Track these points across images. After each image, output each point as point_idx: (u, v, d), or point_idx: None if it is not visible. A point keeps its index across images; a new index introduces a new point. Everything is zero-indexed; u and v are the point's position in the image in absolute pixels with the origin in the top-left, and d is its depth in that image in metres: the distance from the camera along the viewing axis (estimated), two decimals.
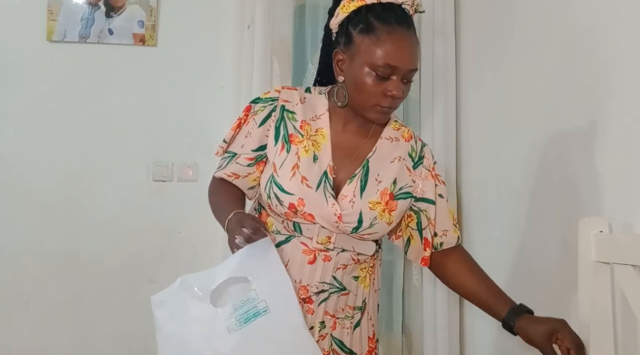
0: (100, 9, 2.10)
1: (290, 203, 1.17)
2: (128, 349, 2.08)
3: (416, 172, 1.27)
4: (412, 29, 1.17)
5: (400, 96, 1.15)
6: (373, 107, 1.17)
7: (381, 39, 1.13)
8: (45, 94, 2.09)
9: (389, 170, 1.24)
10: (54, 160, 2.09)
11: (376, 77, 1.13)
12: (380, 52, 1.12)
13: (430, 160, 1.30)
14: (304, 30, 2.17)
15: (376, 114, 1.18)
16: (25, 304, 2.04)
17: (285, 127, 1.23)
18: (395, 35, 1.13)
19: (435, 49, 2.16)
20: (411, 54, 1.14)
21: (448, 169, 2.14)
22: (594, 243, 1.22)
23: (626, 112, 1.31)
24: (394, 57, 1.12)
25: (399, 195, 1.23)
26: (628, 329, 1.24)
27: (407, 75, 1.15)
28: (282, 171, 1.19)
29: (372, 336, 1.32)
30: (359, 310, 1.27)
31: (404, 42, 1.14)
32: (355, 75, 1.16)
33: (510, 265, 1.85)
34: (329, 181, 1.19)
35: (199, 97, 2.16)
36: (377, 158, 1.24)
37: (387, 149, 1.26)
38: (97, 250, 2.08)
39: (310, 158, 1.21)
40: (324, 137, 1.23)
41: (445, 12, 2.18)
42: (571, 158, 1.51)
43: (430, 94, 2.16)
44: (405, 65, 1.13)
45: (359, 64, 1.15)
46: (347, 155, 1.23)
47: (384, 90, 1.14)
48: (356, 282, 1.25)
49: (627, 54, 1.31)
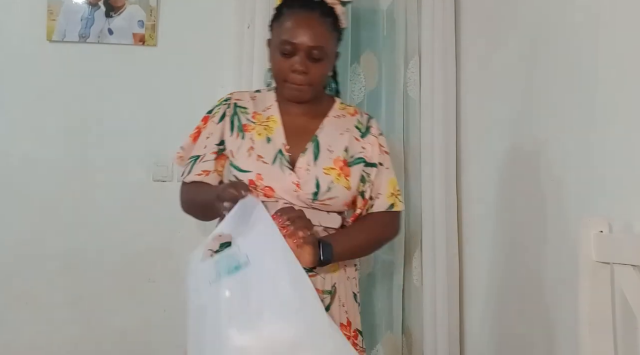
0: (100, 8, 2.10)
1: (249, 179, 1.26)
2: (128, 348, 2.08)
3: (365, 140, 1.37)
4: (318, 12, 1.29)
5: (303, 70, 1.27)
6: (285, 83, 1.31)
7: (284, 21, 1.29)
8: (45, 93, 2.09)
9: (339, 141, 1.34)
10: (54, 160, 2.09)
11: (282, 55, 1.28)
12: (282, 31, 1.28)
13: (376, 130, 1.40)
14: None
15: (290, 91, 1.31)
16: (25, 304, 2.04)
17: (239, 119, 1.36)
18: (296, 16, 1.28)
19: (435, 48, 2.16)
20: (310, 32, 1.27)
21: (448, 169, 2.15)
22: (594, 243, 1.22)
23: (626, 112, 1.31)
24: (293, 34, 1.26)
25: (352, 162, 1.33)
26: (628, 329, 1.24)
27: (312, 52, 1.27)
28: (239, 154, 1.31)
29: (346, 324, 1.32)
30: (328, 293, 1.29)
31: (303, 21, 1.27)
32: (271, 58, 1.33)
33: (510, 265, 1.85)
34: (284, 157, 1.30)
35: (199, 97, 2.15)
36: (326, 132, 1.35)
37: (335, 124, 1.37)
38: (97, 250, 2.08)
39: (264, 140, 1.32)
40: (275, 122, 1.35)
41: (445, 12, 2.17)
42: (571, 158, 1.51)
43: (430, 94, 2.16)
44: (303, 41, 1.26)
45: (272, 48, 1.33)
46: (298, 134, 1.33)
47: (290, 66, 1.28)
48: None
49: (627, 54, 1.31)
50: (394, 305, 2.14)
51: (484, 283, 2.02)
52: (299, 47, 1.26)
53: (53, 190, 2.08)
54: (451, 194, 2.14)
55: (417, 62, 2.20)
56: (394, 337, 2.13)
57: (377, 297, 2.16)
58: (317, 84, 1.33)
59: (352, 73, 2.20)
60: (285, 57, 1.28)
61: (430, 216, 2.12)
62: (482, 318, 2.04)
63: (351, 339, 1.31)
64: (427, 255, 2.11)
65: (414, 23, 2.21)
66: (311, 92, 1.33)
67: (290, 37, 1.27)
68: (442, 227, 2.10)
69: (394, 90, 2.20)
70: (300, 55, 1.27)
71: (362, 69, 2.23)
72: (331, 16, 1.32)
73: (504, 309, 1.88)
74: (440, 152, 2.13)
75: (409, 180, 2.18)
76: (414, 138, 2.18)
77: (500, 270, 1.89)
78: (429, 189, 2.13)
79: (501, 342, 1.90)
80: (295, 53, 1.27)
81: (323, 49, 1.28)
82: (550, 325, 1.59)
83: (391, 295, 2.15)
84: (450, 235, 2.12)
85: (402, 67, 2.19)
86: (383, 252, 2.18)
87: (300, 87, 1.30)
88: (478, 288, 2.07)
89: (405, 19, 2.21)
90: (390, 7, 2.22)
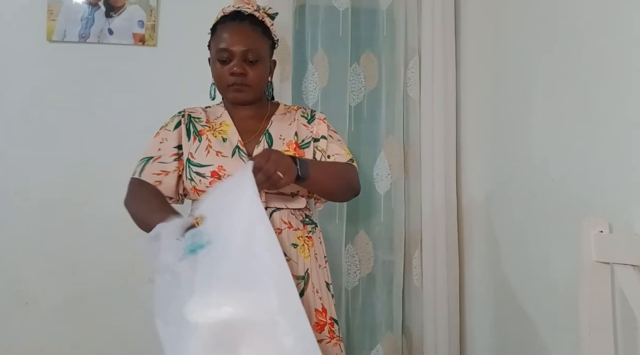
0: (100, 8, 2.10)
1: (211, 171, 1.36)
2: (128, 349, 2.07)
3: (311, 125, 1.49)
4: (248, 22, 1.42)
5: (241, 72, 1.39)
6: (227, 87, 1.42)
7: (219, 34, 1.43)
8: (45, 94, 2.09)
9: (289, 130, 1.46)
10: (54, 160, 2.08)
11: (220, 63, 1.41)
12: (219, 42, 1.41)
13: (320, 115, 1.52)
14: (304, 30, 2.17)
15: (232, 93, 1.43)
16: (25, 304, 2.04)
17: (194, 126, 1.46)
18: (228, 27, 1.42)
19: (435, 48, 2.16)
20: (242, 38, 1.40)
21: (448, 168, 2.14)
22: (594, 243, 1.22)
23: (626, 112, 1.31)
24: (228, 42, 1.40)
25: (303, 145, 1.45)
26: (628, 329, 1.24)
27: (247, 56, 1.39)
28: (197, 153, 1.40)
29: (321, 310, 1.37)
30: (302, 279, 1.36)
31: (233, 30, 1.41)
32: (212, 70, 1.45)
33: (510, 265, 1.85)
34: (242, 150, 1.40)
35: (199, 97, 2.15)
36: (276, 127, 1.46)
37: (282, 120, 1.49)
38: (97, 250, 2.07)
39: (220, 140, 1.42)
40: (228, 125, 1.45)
41: (445, 11, 2.17)
42: (571, 158, 1.51)
43: (430, 93, 2.16)
44: (235, 46, 1.39)
45: (212, 60, 1.45)
46: (251, 132, 1.44)
47: (229, 70, 1.39)
48: (295, 250, 1.37)
49: (628, 54, 1.31)
50: (394, 305, 2.14)
51: (484, 283, 2.02)
52: (234, 52, 1.39)
53: (53, 190, 2.07)
54: (451, 194, 2.14)
55: (417, 62, 2.20)
56: (394, 337, 2.13)
57: (377, 297, 2.17)
58: (255, 84, 1.43)
59: (352, 73, 2.20)
60: (224, 64, 1.40)
61: (430, 216, 2.12)
62: (482, 318, 2.04)
63: (327, 326, 1.37)
64: (427, 256, 2.11)
65: (414, 23, 2.21)
66: (252, 93, 1.43)
67: (225, 45, 1.39)
68: (442, 227, 2.10)
69: (394, 90, 2.20)
70: (237, 60, 1.39)
71: (362, 69, 2.23)
72: (261, 26, 1.44)
73: (504, 309, 1.88)
74: (440, 152, 2.13)
75: (409, 180, 2.18)
76: (414, 138, 2.19)
77: (501, 270, 1.89)
78: (429, 189, 2.13)
79: (501, 342, 1.90)
80: (231, 58, 1.39)
81: (256, 51, 1.41)
82: (550, 326, 1.59)
83: (391, 295, 2.15)
84: (450, 235, 2.12)
85: (402, 67, 2.19)
86: (383, 252, 2.18)
87: (241, 87, 1.41)
88: (478, 288, 2.07)
89: (405, 19, 2.21)
90: (390, 7, 2.22)
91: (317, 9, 2.16)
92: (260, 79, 1.44)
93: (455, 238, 2.13)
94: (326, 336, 1.36)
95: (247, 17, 1.43)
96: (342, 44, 2.18)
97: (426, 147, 2.15)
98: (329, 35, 2.16)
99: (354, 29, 2.19)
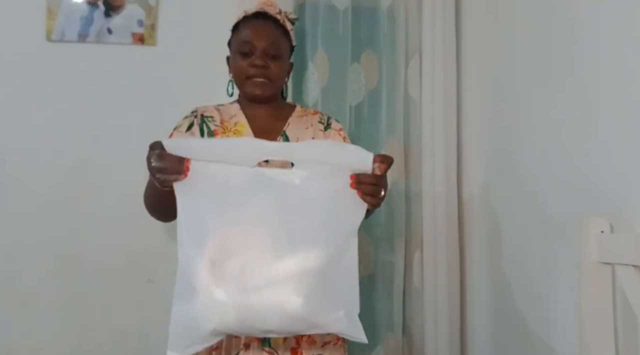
0: (99, 8, 2.10)
1: None
2: (128, 349, 2.07)
3: (328, 132, 1.49)
4: (271, 21, 1.45)
5: (263, 64, 1.40)
6: (246, 81, 1.42)
7: (241, 30, 1.45)
8: (44, 93, 2.09)
9: (306, 133, 1.46)
10: (53, 160, 2.08)
11: (241, 56, 1.42)
12: (240, 36, 1.44)
13: (336, 124, 1.51)
14: (304, 29, 2.17)
15: (252, 87, 1.42)
16: (25, 304, 2.04)
17: (207, 127, 1.44)
18: (251, 24, 1.44)
19: (436, 47, 2.15)
20: (265, 34, 1.42)
21: (449, 168, 2.14)
22: (595, 243, 1.21)
23: (627, 112, 1.30)
24: (248, 35, 1.42)
25: None
26: (629, 330, 1.23)
27: (268, 50, 1.41)
28: None
29: None
30: None
31: (256, 26, 1.44)
32: (232, 64, 1.47)
33: (511, 265, 1.84)
34: None
35: (199, 97, 2.14)
36: (292, 128, 1.46)
37: (299, 122, 1.48)
38: (97, 250, 2.07)
39: None
40: (243, 126, 1.44)
41: (446, 10, 2.17)
42: (571, 158, 1.51)
43: (431, 93, 2.15)
44: (259, 40, 1.41)
45: (232, 55, 1.47)
46: (266, 133, 1.40)
47: (250, 62, 1.40)
48: None
49: (628, 53, 1.30)
50: (395, 306, 2.13)
51: (484, 284, 2.02)
52: (257, 45, 1.41)
53: (53, 190, 2.07)
54: (452, 194, 2.13)
55: (418, 61, 2.19)
56: (395, 338, 2.12)
57: (377, 298, 2.16)
58: (275, 80, 1.44)
59: (352, 72, 2.19)
60: (245, 57, 1.41)
61: (431, 216, 2.11)
62: (483, 318, 2.03)
63: None
64: (428, 256, 2.10)
65: (415, 22, 2.20)
66: (271, 88, 1.43)
67: (246, 38, 1.42)
68: (443, 228, 2.09)
69: (394, 89, 2.19)
70: (259, 52, 1.41)
71: (363, 68, 2.22)
72: (282, 28, 1.47)
73: (504, 309, 1.87)
74: (441, 151, 2.12)
75: (409, 180, 2.18)
76: (414, 138, 2.18)
77: (501, 271, 1.88)
78: (430, 189, 2.12)
79: (502, 343, 1.90)
80: (253, 51, 1.41)
81: (278, 46, 1.43)
82: (551, 326, 1.59)
83: (392, 296, 2.14)
84: (451, 235, 2.11)
85: (403, 66, 2.18)
86: (384, 252, 2.17)
87: (261, 81, 1.41)
88: (479, 289, 2.06)
89: (406, 18, 2.20)
90: (390, 5, 2.21)
91: (317, 8, 2.16)
92: (280, 74, 1.45)
93: (456, 238, 2.12)
94: (333, 338, 1.36)
95: (270, 17, 1.46)
96: (342, 43, 2.17)
97: (427, 146, 2.14)
98: (329, 34, 2.15)
99: (354, 27, 2.18)
